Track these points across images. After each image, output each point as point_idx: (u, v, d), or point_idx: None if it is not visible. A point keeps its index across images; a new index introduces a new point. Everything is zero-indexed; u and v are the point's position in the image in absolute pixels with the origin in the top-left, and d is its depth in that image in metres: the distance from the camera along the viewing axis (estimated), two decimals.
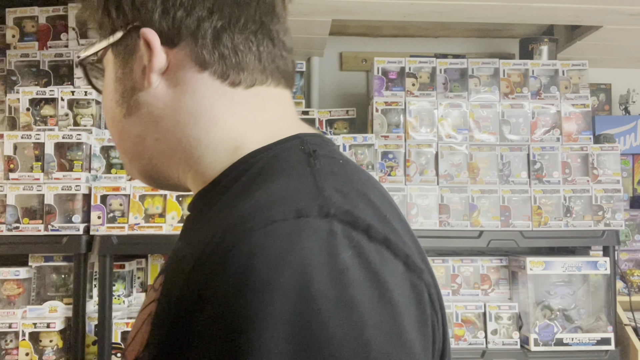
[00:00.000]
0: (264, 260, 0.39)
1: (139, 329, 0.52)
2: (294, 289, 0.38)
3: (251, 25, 0.57)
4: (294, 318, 0.38)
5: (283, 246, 0.40)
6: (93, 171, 1.85)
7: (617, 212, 1.95)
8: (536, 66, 2.10)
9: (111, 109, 0.59)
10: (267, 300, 0.38)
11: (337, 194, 0.45)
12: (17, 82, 2.05)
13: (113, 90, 0.58)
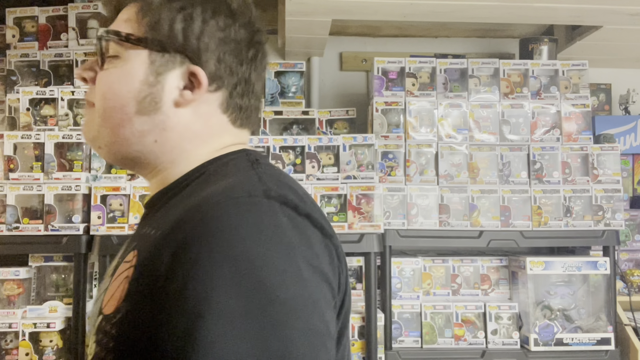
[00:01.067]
0: (228, 220, 0.57)
1: (117, 289, 0.63)
2: (249, 237, 0.56)
3: (257, 88, 0.77)
4: (247, 257, 0.55)
5: (242, 213, 0.58)
6: (93, 171, 1.85)
7: (617, 212, 1.95)
8: (536, 66, 2.10)
9: (123, 98, 0.69)
10: (234, 241, 0.56)
11: (274, 184, 0.63)
12: (17, 82, 2.05)
13: (135, 86, 0.69)
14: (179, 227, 0.58)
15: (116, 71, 0.70)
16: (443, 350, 1.90)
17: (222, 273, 0.53)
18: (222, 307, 0.52)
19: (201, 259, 0.54)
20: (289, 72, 2.27)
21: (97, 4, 2.03)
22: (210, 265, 0.54)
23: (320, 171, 1.90)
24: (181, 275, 0.54)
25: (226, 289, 0.53)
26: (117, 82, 0.70)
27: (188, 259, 0.55)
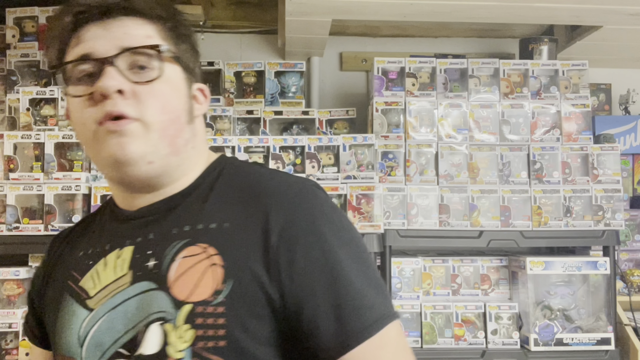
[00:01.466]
0: (318, 198, 0.77)
1: (202, 277, 0.71)
2: (334, 208, 0.78)
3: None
4: (343, 220, 0.78)
5: (320, 193, 0.79)
6: (93, 171, 1.85)
7: (617, 212, 1.95)
8: (536, 66, 2.10)
9: (178, 110, 0.78)
10: (332, 211, 0.78)
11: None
12: (17, 82, 2.05)
13: (184, 99, 0.79)
14: (275, 212, 0.73)
15: (167, 85, 0.76)
16: (443, 350, 1.90)
17: (337, 233, 0.75)
18: (347, 251, 0.74)
19: (326, 231, 0.73)
20: (289, 72, 2.27)
21: None
22: (333, 233, 0.74)
23: (320, 171, 1.90)
24: (313, 240, 0.72)
25: (342, 241, 0.75)
26: (171, 95, 0.76)
27: (313, 229, 0.73)
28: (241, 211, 0.75)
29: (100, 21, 0.74)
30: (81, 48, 0.74)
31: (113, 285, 0.76)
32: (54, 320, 0.81)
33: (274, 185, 0.77)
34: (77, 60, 0.74)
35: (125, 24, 0.75)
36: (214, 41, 2.53)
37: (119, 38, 0.73)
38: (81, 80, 0.74)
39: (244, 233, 0.73)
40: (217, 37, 2.54)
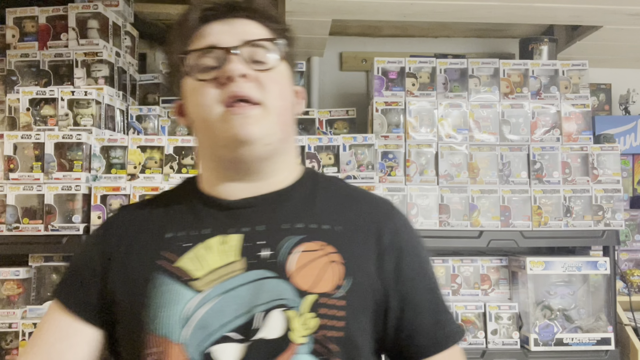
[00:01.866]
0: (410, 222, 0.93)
1: (324, 272, 0.79)
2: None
3: None
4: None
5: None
6: (93, 171, 1.85)
7: (617, 212, 1.95)
8: (536, 66, 2.10)
9: (290, 99, 0.87)
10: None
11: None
12: (17, 82, 2.05)
13: (291, 91, 0.88)
14: (385, 221, 0.86)
15: (281, 76, 0.84)
16: None
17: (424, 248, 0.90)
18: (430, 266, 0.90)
19: (419, 244, 0.89)
20: None
21: (97, 4, 2.03)
22: (422, 247, 0.90)
23: (320, 171, 1.90)
24: (413, 251, 0.86)
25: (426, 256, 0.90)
26: (286, 84, 0.86)
27: (412, 241, 0.88)
28: (352, 217, 0.85)
29: (224, 19, 0.83)
30: (207, 40, 0.82)
31: (223, 270, 0.78)
32: (141, 300, 0.79)
33: (374, 198, 0.91)
34: (204, 49, 0.81)
35: (245, 23, 0.84)
36: None
37: (241, 33, 0.82)
38: (203, 70, 0.81)
39: (358, 236, 0.83)
40: None
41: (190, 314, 0.76)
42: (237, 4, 0.84)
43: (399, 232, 0.86)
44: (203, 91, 0.81)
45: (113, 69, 2.05)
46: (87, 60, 2.02)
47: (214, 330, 0.75)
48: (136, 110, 2.15)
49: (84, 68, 2.02)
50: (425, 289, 0.85)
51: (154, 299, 0.79)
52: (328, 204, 0.87)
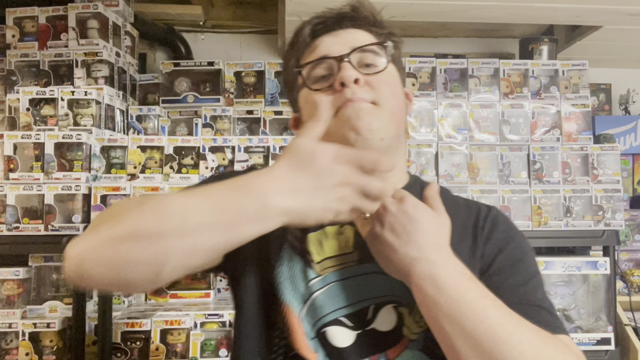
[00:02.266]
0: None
1: None
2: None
3: None
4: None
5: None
6: (93, 171, 1.85)
7: (617, 212, 1.95)
8: (536, 66, 2.10)
9: (401, 99, 0.89)
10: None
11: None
12: (17, 82, 2.05)
13: (402, 92, 0.90)
14: (485, 223, 0.87)
15: (391, 77, 0.87)
16: None
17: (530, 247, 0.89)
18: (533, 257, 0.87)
19: (523, 241, 0.88)
20: None
21: (97, 4, 2.03)
22: (527, 243, 0.88)
23: None
24: (525, 250, 0.86)
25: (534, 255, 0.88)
26: (397, 86, 0.88)
27: (520, 240, 0.88)
28: (455, 222, 0.83)
29: (333, 31, 0.88)
30: (318, 52, 0.87)
31: (339, 258, 0.81)
32: (271, 264, 0.83)
33: (478, 203, 0.93)
34: (317, 60, 0.86)
35: (352, 31, 0.88)
36: (214, 41, 2.54)
37: (350, 41, 0.86)
38: (317, 80, 0.86)
39: (460, 241, 0.83)
40: (217, 37, 2.55)
41: (309, 293, 0.81)
42: (344, 16, 0.88)
43: (496, 228, 0.87)
44: (318, 99, 0.84)
45: (113, 69, 2.06)
46: (87, 60, 2.02)
47: (327, 313, 0.80)
48: (136, 110, 2.15)
49: (84, 68, 2.02)
50: (514, 284, 0.81)
51: (286, 271, 0.83)
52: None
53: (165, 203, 0.65)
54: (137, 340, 1.77)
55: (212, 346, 1.77)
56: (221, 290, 2.13)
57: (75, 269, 0.66)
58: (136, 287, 0.68)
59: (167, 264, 0.63)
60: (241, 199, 0.64)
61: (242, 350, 0.83)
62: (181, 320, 1.77)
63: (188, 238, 0.63)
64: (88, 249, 0.66)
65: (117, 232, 0.64)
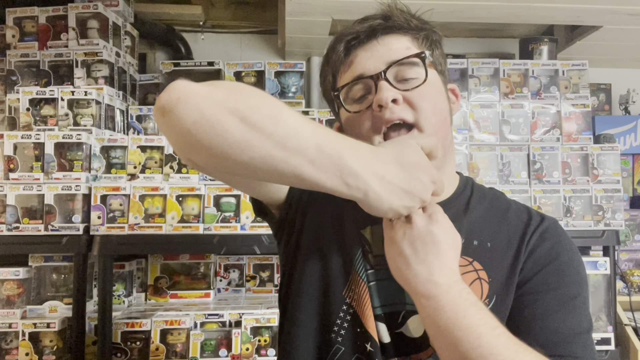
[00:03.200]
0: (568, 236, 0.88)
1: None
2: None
3: None
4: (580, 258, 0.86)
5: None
6: (93, 171, 1.85)
7: (617, 212, 1.95)
8: (536, 66, 2.10)
9: (445, 111, 0.85)
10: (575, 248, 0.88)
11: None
12: (17, 82, 2.05)
13: (446, 102, 0.87)
14: (532, 236, 0.84)
15: (432, 89, 0.83)
16: None
17: (581, 265, 0.85)
18: (584, 282, 0.84)
19: (568, 260, 0.84)
20: (289, 72, 2.27)
21: (97, 4, 2.03)
22: (577, 262, 0.85)
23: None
24: (568, 272, 0.83)
25: (584, 274, 0.85)
26: (437, 97, 0.84)
27: (567, 259, 0.84)
28: (502, 232, 0.85)
29: (366, 44, 0.85)
30: (353, 71, 0.85)
31: (382, 258, 0.80)
32: (348, 241, 0.86)
33: (528, 211, 0.89)
34: (353, 81, 0.84)
35: (386, 41, 0.84)
36: (214, 41, 2.54)
37: (384, 55, 0.83)
38: (356, 100, 0.85)
39: (504, 253, 0.83)
40: (217, 37, 2.55)
41: (367, 282, 0.83)
42: (377, 27, 0.85)
43: (541, 244, 0.84)
44: (358, 123, 0.84)
45: (113, 69, 2.06)
46: (87, 60, 2.02)
47: (376, 306, 0.82)
48: (136, 110, 2.15)
49: (84, 68, 2.02)
50: (545, 308, 0.80)
51: (359, 250, 0.86)
52: (480, 217, 0.87)
53: (286, 112, 0.66)
54: (137, 340, 1.77)
55: (212, 346, 1.77)
56: (221, 290, 2.13)
57: (176, 100, 0.64)
58: (200, 151, 0.65)
59: (246, 154, 0.64)
60: (343, 157, 0.66)
61: (300, 310, 0.86)
62: (181, 320, 1.77)
63: (281, 151, 0.64)
64: (201, 94, 0.64)
65: (232, 103, 0.64)
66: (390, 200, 0.68)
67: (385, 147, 0.71)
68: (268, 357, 1.77)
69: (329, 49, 0.90)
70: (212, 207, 1.81)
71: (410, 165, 0.69)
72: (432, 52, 0.87)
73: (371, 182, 0.67)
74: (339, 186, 0.67)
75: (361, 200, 0.69)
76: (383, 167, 0.68)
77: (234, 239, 1.79)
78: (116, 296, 1.95)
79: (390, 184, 0.68)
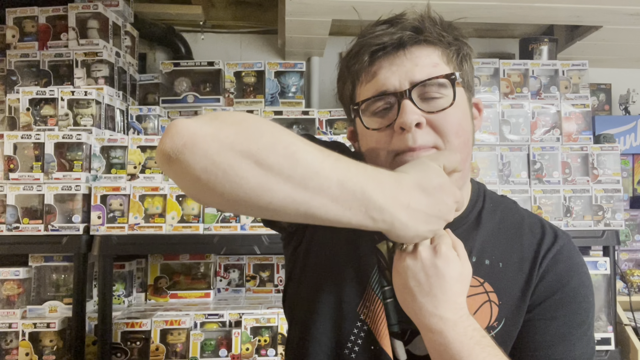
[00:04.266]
0: (580, 257, 0.89)
1: (478, 311, 0.80)
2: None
3: None
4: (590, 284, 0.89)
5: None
6: (93, 171, 1.85)
7: (617, 212, 1.95)
8: (536, 66, 2.10)
9: (468, 132, 0.82)
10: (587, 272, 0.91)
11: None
12: (17, 82, 2.05)
13: (470, 121, 0.83)
14: (543, 259, 0.83)
15: (458, 110, 0.79)
16: None
17: (589, 290, 0.88)
18: (592, 307, 0.86)
19: (579, 284, 0.85)
20: (289, 72, 2.27)
21: (97, 4, 2.03)
22: (586, 286, 0.87)
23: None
24: (578, 298, 0.84)
25: (592, 299, 0.88)
26: (462, 119, 0.80)
27: (578, 284, 0.85)
28: (513, 253, 0.83)
29: (392, 55, 0.80)
30: (376, 84, 0.80)
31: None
32: (361, 255, 0.85)
33: (542, 226, 0.87)
34: (376, 97, 0.79)
35: (415, 54, 0.80)
36: (214, 41, 2.54)
37: (410, 71, 0.78)
38: (376, 114, 0.80)
39: (516, 275, 0.82)
40: (217, 37, 2.55)
41: (385, 297, 0.82)
42: (405, 40, 0.80)
43: (554, 267, 0.83)
44: (376, 140, 0.80)
45: (113, 69, 2.06)
46: (87, 60, 2.02)
47: (394, 323, 0.81)
48: (136, 110, 2.15)
49: (84, 68, 2.02)
50: (553, 335, 0.80)
51: (372, 262, 0.84)
52: (491, 234, 0.85)
53: (302, 149, 0.62)
54: (137, 340, 1.77)
55: (212, 346, 1.77)
56: (221, 290, 2.13)
57: (181, 147, 0.59)
58: (212, 197, 0.60)
59: (263, 199, 0.60)
60: (367, 192, 0.63)
61: (313, 325, 0.83)
62: (181, 320, 1.77)
63: (302, 192, 0.61)
64: (208, 137, 0.59)
65: (244, 145, 0.59)
66: (417, 227, 0.67)
67: (407, 172, 0.69)
68: (268, 357, 1.77)
69: (351, 54, 0.84)
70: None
71: (434, 190, 0.68)
72: (462, 68, 0.83)
73: (397, 213, 0.65)
74: (364, 221, 0.64)
75: (388, 232, 0.67)
76: (407, 196, 0.66)
77: (234, 239, 1.79)
78: (116, 296, 1.95)
79: (416, 212, 0.66)
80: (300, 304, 0.87)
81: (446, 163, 0.72)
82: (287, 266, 0.93)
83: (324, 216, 0.63)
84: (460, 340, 0.69)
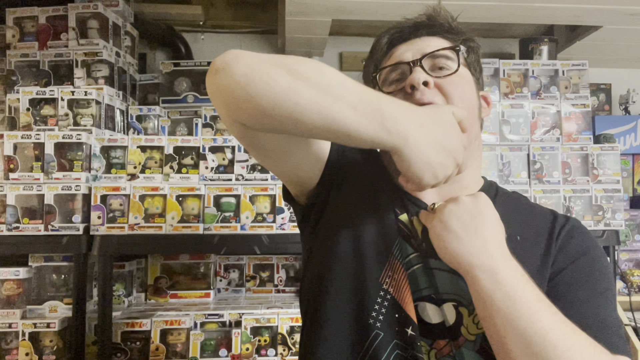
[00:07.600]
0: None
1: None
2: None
3: None
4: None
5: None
6: (93, 171, 1.85)
7: (617, 212, 1.95)
8: (536, 66, 2.10)
9: (473, 102, 0.90)
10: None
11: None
12: (17, 82, 2.05)
13: (475, 95, 0.91)
14: (560, 231, 0.87)
15: (462, 79, 0.89)
16: None
17: (607, 262, 0.87)
18: (612, 277, 0.85)
19: (598, 256, 0.86)
20: None
21: (97, 4, 2.03)
22: (604, 259, 0.87)
23: None
24: (598, 266, 0.84)
25: (611, 270, 0.88)
26: (468, 88, 0.89)
27: (596, 255, 0.86)
28: (530, 226, 0.87)
29: (409, 40, 0.92)
30: (393, 59, 0.92)
31: (423, 244, 0.84)
32: (386, 221, 0.88)
33: (555, 212, 0.92)
34: (392, 65, 0.91)
35: (427, 40, 0.91)
36: (214, 41, 2.54)
37: (423, 48, 0.90)
38: (392, 83, 0.91)
39: (535, 246, 0.85)
40: (217, 37, 2.55)
41: (409, 266, 0.84)
42: (420, 25, 0.93)
43: (571, 240, 0.86)
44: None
45: (113, 69, 2.06)
46: (87, 60, 2.02)
47: (422, 288, 0.83)
48: (136, 110, 2.15)
49: (84, 68, 2.02)
50: (579, 298, 0.80)
51: (400, 230, 0.87)
52: (507, 214, 0.86)
53: (330, 69, 0.74)
54: (137, 340, 1.77)
55: (212, 346, 1.77)
56: (221, 290, 2.13)
57: (229, 60, 0.72)
58: (246, 103, 0.71)
59: (291, 100, 0.69)
60: (384, 104, 0.71)
61: (336, 294, 0.84)
62: (181, 320, 1.77)
63: (325, 97, 0.70)
64: (251, 54, 0.72)
65: (279, 59, 0.72)
66: (428, 152, 0.72)
67: (420, 107, 0.76)
68: (268, 357, 1.77)
69: (373, 44, 0.96)
70: (212, 207, 1.81)
71: (445, 124, 0.75)
72: (468, 54, 0.92)
73: (411, 127, 0.71)
74: (379, 132, 0.70)
75: (400, 149, 0.72)
76: (421, 118, 0.73)
77: (234, 239, 1.79)
78: (116, 296, 1.95)
79: (428, 134, 0.72)
80: (321, 272, 0.89)
81: (455, 111, 0.78)
82: (306, 245, 0.96)
83: (342, 122, 0.70)
84: (513, 276, 0.71)
